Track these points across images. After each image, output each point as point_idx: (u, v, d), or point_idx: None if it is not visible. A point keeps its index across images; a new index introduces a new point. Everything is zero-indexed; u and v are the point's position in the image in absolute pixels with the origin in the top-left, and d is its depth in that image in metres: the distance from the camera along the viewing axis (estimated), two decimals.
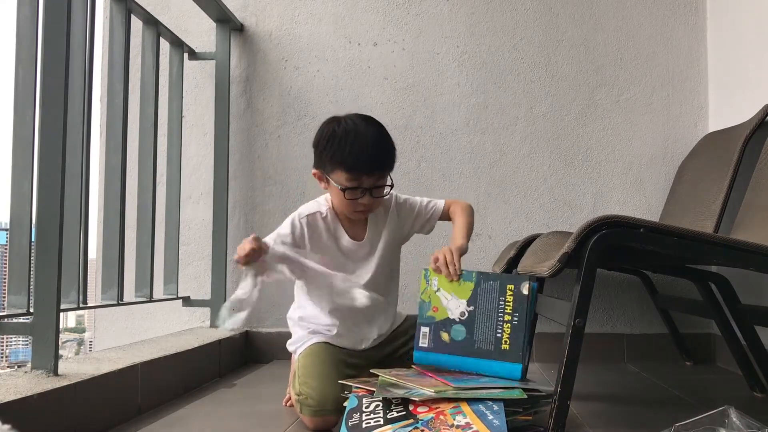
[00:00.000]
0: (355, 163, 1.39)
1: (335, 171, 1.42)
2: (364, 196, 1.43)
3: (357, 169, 1.40)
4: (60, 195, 1.30)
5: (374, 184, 1.43)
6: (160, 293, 2.14)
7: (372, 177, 1.42)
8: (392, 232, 1.57)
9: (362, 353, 1.57)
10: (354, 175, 1.40)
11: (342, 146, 1.40)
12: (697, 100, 2.37)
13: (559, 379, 1.20)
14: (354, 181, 1.41)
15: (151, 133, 2.01)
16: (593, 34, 2.40)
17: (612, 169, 2.37)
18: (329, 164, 1.43)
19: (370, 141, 1.41)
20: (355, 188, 1.42)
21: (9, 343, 15.98)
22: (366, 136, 1.41)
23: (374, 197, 1.44)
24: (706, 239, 1.27)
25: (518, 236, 2.29)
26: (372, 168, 1.41)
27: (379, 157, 1.43)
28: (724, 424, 1.00)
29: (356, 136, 1.41)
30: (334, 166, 1.42)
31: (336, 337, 1.53)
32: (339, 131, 1.42)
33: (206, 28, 2.40)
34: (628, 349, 2.31)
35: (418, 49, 2.41)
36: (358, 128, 1.42)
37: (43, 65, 1.33)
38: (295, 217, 1.51)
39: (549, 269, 1.24)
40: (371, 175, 1.41)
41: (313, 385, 1.38)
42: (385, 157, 1.44)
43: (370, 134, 1.42)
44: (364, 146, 1.40)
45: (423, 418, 1.16)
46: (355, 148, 1.39)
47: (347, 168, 1.40)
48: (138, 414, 1.50)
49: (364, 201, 1.44)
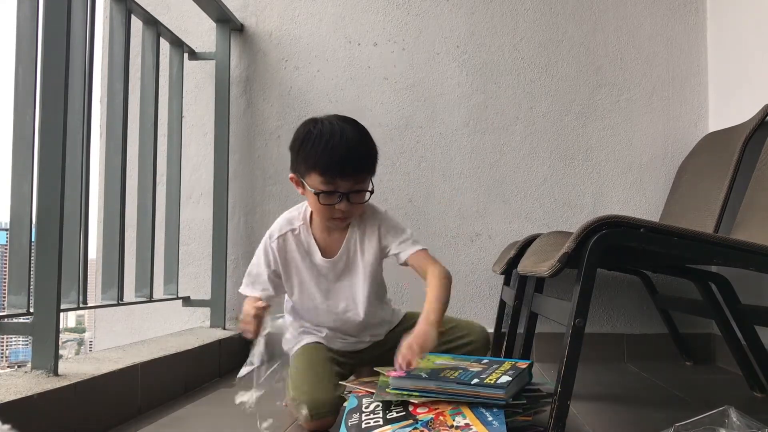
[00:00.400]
0: (329, 164, 1.32)
1: (310, 174, 1.34)
2: (342, 201, 1.35)
3: (331, 171, 1.32)
4: (60, 195, 1.30)
5: (351, 188, 1.35)
6: (160, 293, 2.14)
7: (348, 180, 1.34)
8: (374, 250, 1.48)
9: (357, 354, 1.57)
10: (328, 177, 1.32)
11: (316, 147, 1.32)
12: (697, 100, 2.37)
13: (559, 379, 1.20)
14: (329, 185, 1.33)
15: (151, 133, 2.01)
16: (593, 34, 2.40)
17: (612, 169, 2.37)
18: (304, 166, 1.35)
19: (346, 142, 1.33)
20: (330, 192, 1.34)
21: (9, 343, 15.97)
22: (343, 137, 1.33)
23: (352, 203, 1.36)
24: (707, 239, 1.27)
25: (518, 236, 2.29)
26: (347, 171, 1.33)
27: (356, 159, 1.34)
28: (724, 424, 1.00)
29: (331, 136, 1.33)
30: (308, 169, 1.34)
31: (326, 339, 1.53)
32: (314, 132, 1.35)
33: (206, 28, 2.40)
34: (628, 349, 2.31)
35: (418, 49, 2.41)
36: (335, 129, 1.34)
37: (43, 65, 1.33)
38: (266, 243, 1.49)
39: (549, 269, 1.24)
40: (347, 178, 1.33)
41: (305, 390, 1.37)
42: (363, 159, 1.36)
43: (348, 135, 1.34)
44: (339, 147, 1.32)
45: (423, 419, 1.16)
46: (329, 148, 1.31)
47: (321, 170, 1.32)
48: (138, 414, 1.50)
49: (341, 207, 1.36)
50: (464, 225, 2.36)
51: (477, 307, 2.34)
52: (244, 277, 1.52)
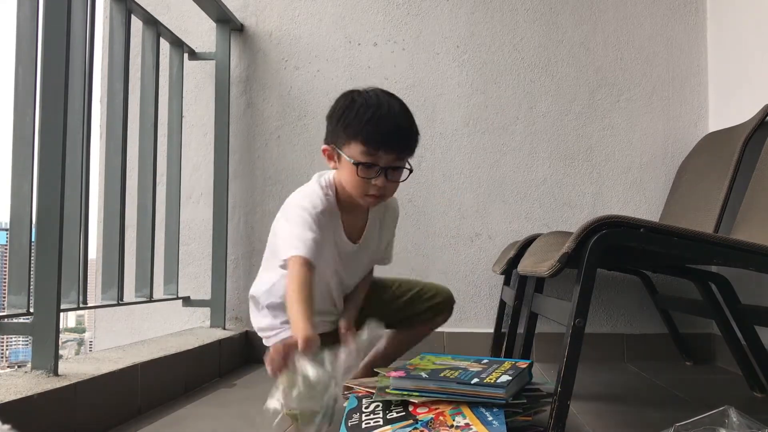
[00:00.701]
0: (374, 134, 1.25)
1: (350, 143, 1.27)
2: (379, 176, 1.28)
3: (375, 141, 1.25)
4: (60, 195, 1.30)
5: (391, 164, 1.28)
6: (160, 293, 2.14)
7: (391, 154, 1.27)
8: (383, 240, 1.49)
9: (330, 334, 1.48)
10: (371, 148, 1.25)
11: (360, 115, 1.25)
12: (697, 100, 2.37)
13: (559, 379, 1.20)
14: (370, 156, 1.26)
15: (151, 133, 2.01)
16: (593, 34, 2.40)
17: (612, 169, 2.37)
18: (344, 135, 1.27)
19: (393, 115, 1.28)
20: (370, 165, 1.27)
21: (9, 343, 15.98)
22: (391, 109, 1.28)
23: (389, 180, 1.30)
24: (707, 239, 1.27)
25: (518, 236, 2.29)
26: (392, 143, 1.26)
27: (402, 133, 1.28)
28: (724, 424, 1.00)
29: (378, 107, 1.26)
30: (349, 137, 1.27)
31: None
32: (359, 100, 1.28)
33: (206, 28, 2.40)
34: (628, 349, 2.31)
35: (418, 49, 2.41)
36: (381, 100, 1.28)
37: (43, 65, 1.33)
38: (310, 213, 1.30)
39: (549, 269, 1.24)
40: (390, 151, 1.27)
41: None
42: (408, 135, 1.30)
43: (395, 108, 1.29)
44: (386, 118, 1.26)
45: (423, 419, 1.16)
46: (375, 118, 1.25)
47: (365, 139, 1.25)
48: (138, 414, 1.50)
49: (378, 182, 1.29)
50: (464, 225, 2.36)
51: (477, 307, 2.34)
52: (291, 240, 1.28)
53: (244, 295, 2.36)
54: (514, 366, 1.30)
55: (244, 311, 2.36)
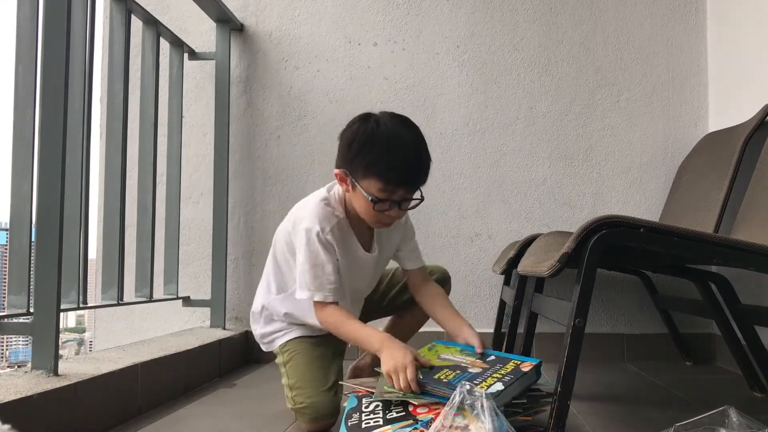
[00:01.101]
0: (394, 176, 1.27)
1: (369, 179, 1.28)
2: (392, 208, 1.32)
3: (395, 182, 1.27)
4: (60, 195, 1.30)
5: (405, 197, 1.32)
6: (160, 293, 2.14)
7: (406, 190, 1.31)
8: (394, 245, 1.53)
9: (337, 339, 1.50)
10: (390, 187, 1.28)
11: (381, 154, 1.26)
12: (697, 100, 2.37)
13: (559, 379, 1.20)
14: (387, 193, 1.29)
15: (151, 133, 2.01)
16: (593, 34, 2.40)
17: (612, 169, 2.37)
18: (363, 170, 1.28)
19: (411, 152, 1.28)
20: (385, 200, 1.30)
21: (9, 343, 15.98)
22: (408, 146, 1.28)
23: (401, 209, 1.33)
24: (707, 239, 1.27)
25: (518, 236, 2.29)
26: (410, 182, 1.29)
27: (419, 171, 1.30)
28: (724, 424, 1.00)
29: (398, 144, 1.27)
30: (368, 175, 1.28)
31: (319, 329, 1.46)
32: (378, 134, 1.27)
33: (206, 28, 2.40)
34: (628, 349, 2.31)
35: (418, 49, 2.41)
36: (400, 135, 1.28)
37: (43, 65, 1.33)
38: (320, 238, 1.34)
39: (549, 269, 1.24)
40: (408, 189, 1.30)
41: (307, 392, 1.37)
42: (424, 171, 1.31)
43: (411, 143, 1.29)
44: (405, 157, 1.27)
45: (422, 419, 1.16)
46: (395, 159, 1.26)
47: (385, 180, 1.27)
48: (138, 414, 1.50)
49: (392, 213, 1.33)
50: (464, 225, 2.36)
51: (477, 307, 2.34)
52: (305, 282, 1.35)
53: (245, 295, 2.37)
54: (517, 369, 1.28)
55: (244, 311, 2.36)
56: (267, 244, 2.37)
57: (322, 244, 1.34)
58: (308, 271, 1.35)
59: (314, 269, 1.34)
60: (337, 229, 1.37)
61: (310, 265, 1.35)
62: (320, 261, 1.34)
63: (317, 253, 1.34)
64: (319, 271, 1.34)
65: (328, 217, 1.37)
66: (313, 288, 1.34)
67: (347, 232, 1.40)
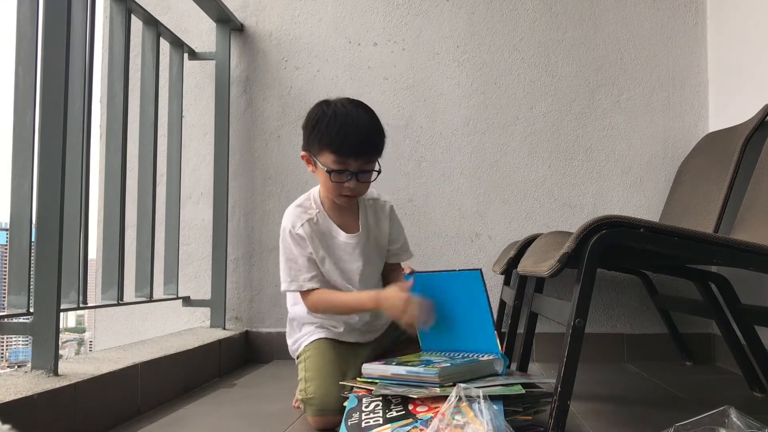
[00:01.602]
0: (343, 144, 1.39)
1: (323, 152, 1.42)
2: (351, 180, 1.42)
3: (344, 151, 1.39)
4: (60, 195, 1.30)
5: (361, 168, 1.42)
6: (160, 293, 2.14)
7: (359, 160, 1.41)
8: (384, 235, 1.59)
9: (369, 345, 1.58)
10: (341, 157, 1.40)
11: (330, 128, 1.40)
12: (697, 100, 2.37)
13: (559, 379, 1.20)
14: (341, 164, 1.40)
15: (151, 133, 2.01)
16: (593, 34, 2.40)
17: (612, 169, 2.37)
18: (317, 145, 1.42)
19: (358, 123, 1.41)
20: (341, 171, 1.41)
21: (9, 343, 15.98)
22: (355, 119, 1.42)
23: (360, 182, 1.44)
24: (707, 239, 1.27)
25: (518, 236, 2.29)
26: (359, 151, 1.41)
27: (367, 140, 1.42)
28: (724, 424, 1.00)
29: (345, 118, 1.41)
30: (321, 148, 1.41)
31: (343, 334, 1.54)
32: (328, 112, 1.41)
33: (206, 28, 2.40)
34: (628, 349, 2.31)
35: (418, 49, 2.41)
36: (348, 111, 1.42)
37: (43, 65, 1.33)
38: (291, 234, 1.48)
39: (549, 269, 1.24)
40: (358, 158, 1.41)
41: (318, 384, 1.40)
42: (374, 140, 1.43)
43: (360, 117, 1.43)
44: (352, 128, 1.40)
45: (422, 418, 1.16)
46: (343, 129, 1.39)
47: (334, 149, 1.39)
48: (138, 414, 1.50)
49: (350, 185, 1.43)
50: (464, 225, 2.36)
51: None
52: (283, 276, 1.49)
53: (245, 295, 2.37)
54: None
55: (244, 311, 2.36)
56: (267, 244, 2.38)
57: (293, 239, 1.48)
58: (283, 265, 1.49)
59: (288, 263, 1.48)
60: (310, 225, 1.49)
61: (284, 259, 1.49)
62: (293, 255, 1.47)
63: (290, 248, 1.48)
64: (292, 264, 1.47)
65: (299, 215, 1.50)
66: (288, 279, 1.48)
67: (324, 223, 1.52)
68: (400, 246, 1.62)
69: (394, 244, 1.61)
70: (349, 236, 1.52)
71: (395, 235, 1.61)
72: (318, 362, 1.46)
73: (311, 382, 1.41)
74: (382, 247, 1.60)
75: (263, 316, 2.35)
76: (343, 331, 1.53)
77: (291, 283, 1.48)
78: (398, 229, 1.62)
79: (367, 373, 1.34)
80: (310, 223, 1.49)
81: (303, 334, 1.55)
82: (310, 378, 1.43)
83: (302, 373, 1.47)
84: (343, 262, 1.52)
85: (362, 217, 1.56)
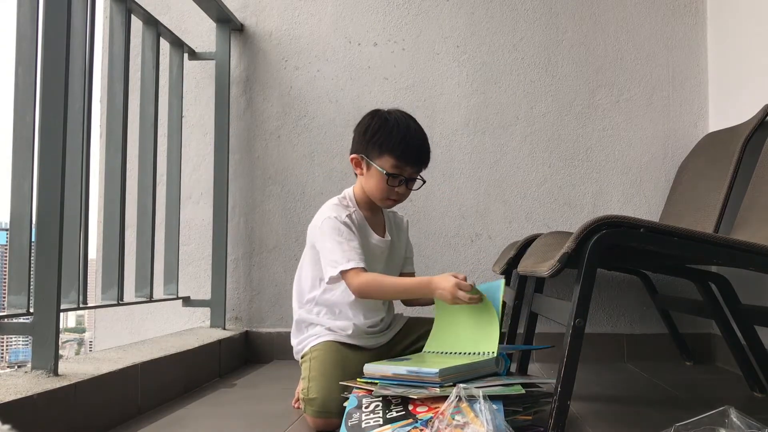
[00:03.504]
0: (406, 151, 1.49)
1: (383, 156, 1.49)
2: (402, 185, 1.52)
3: (405, 157, 1.49)
4: (60, 195, 1.30)
5: (413, 175, 1.53)
6: (160, 293, 2.14)
7: (414, 168, 1.52)
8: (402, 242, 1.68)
9: (374, 352, 1.58)
10: (402, 162, 1.49)
11: (394, 134, 1.48)
12: (697, 100, 2.37)
13: (559, 379, 1.20)
14: (398, 169, 1.49)
15: (151, 133, 2.01)
16: (593, 34, 2.40)
17: (612, 169, 2.37)
18: (377, 149, 1.49)
19: (418, 135, 1.52)
20: (397, 175, 1.49)
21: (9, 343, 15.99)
22: (415, 130, 1.52)
23: (408, 188, 1.54)
24: (706, 239, 1.27)
25: (518, 236, 2.29)
26: (418, 159, 1.52)
27: (425, 152, 1.53)
28: (724, 424, 1.00)
29: (407, 128, 1.51)
30: (383, 152, 1.49)
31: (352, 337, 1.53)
32: (391, 120, 1.51)
33: (206, 28, 2.40)
34: (628, 349, 2.31)
35: (418, 49, 2.41)
36: (408, 122, 1.53)
37: (43, 65, 1.33)
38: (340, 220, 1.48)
39: (549, 269, 1.24)
40: (415, 166, 1.52)
41: (320, 384, 1.40)
42: (428, 152, 1.55)
43: (418, 129, 1.54)
44: (414, 138, 1.50)
45: (422, 418, 1.16)
46: (407, 138, 1.49)
47: (397, 155, 1.48)
48: (138, 414, 1.50)
49: (400, 190, 1.52)
50: (464, 225, 2.36)
51: None
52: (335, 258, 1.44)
53: (244, 295, 2.37)
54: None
55: (244, 311, 2.36)
56: (267, 244, 2.38)
57: (343, 224, 1.49)
58: (336, 248, 1.45)
59: (340, 245, 1.45)
60: (351, 217, 1.52)
61: (336, 242, 1.46)
62: (345, 237, 1.47)
63: (340, 230, 1.47)
64: (345, 245, 1.45)
65: (341, 209, 1.53)
66: (343, 260, 1.43)
67: (361, 222, 1.56)
68: (411, 257, 1.72)
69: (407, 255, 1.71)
70: (381, 239, 1.59)
71: (409, 247, 1.72)
72: (323, 363, 1.45)
73: (314, 383, 1.41)
74: (401, 256, 1.68)
75: (263, 316, 2.35)
76: (351, 334, 1.53)
77: (347, 263, 1.42)
78: (410, 242, 1.73)
79: (369, 372, 1.34)
80: (350, 218, 1.53)
81: (310, 335, 1.55)
82: (313, 378, 1.42)
83: (306, 372, 1.47)
84: (371, 262, 1.53)
85: (388, 224, 1.64)
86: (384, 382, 1.30)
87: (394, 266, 1.65)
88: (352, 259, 1.43)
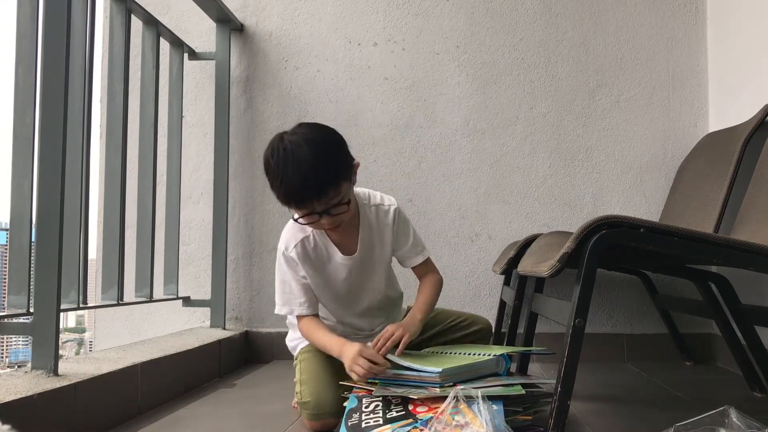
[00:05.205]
0: (288, 195, 1.31)
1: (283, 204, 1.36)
2: (322, 218, 1.34)
3: (290, 202, 1.32)
4: (60, 195, 1.30)
5: (326, 207, 1.32)
6: (160, 293, 2.14)
7: (306, 208, 1.33)
8: (387, 245, 1.53)
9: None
10: (291, 207, 1.34)
11: (275, 182, 1.32)
12: (697, 100, 2.37)
13: (559, 379, 1.20)
14: (302, 210, 1.33)
15: (151, 133, 2.01)
16: (593, 34, 2.40)
17: (612, 169, 2.37)
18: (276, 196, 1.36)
19: (298, 172, 1.28)
20: (308, 214, 1.34)
21: (9, 343, 15.99)
22: (295, 166, 1.28)
23: (333, 215, 1.34)
24: (707, 239, 1.27)
25: (518, 236, 2.29)
26: (305, 198, 1.31)
27: (313, 185, 1.29)
28: (724, 424, 1.00)
29: (285, 167, 1.29)
30: (279, 201, 1.35)
31: None
32: (272, 163, 1.32)
33: (206, 28, 2.40)
34: (628, 349, 2.31)
35: (418, 49, 2.41)
36: (288, 158, 1.29)
37: (43, 65, 1.33)
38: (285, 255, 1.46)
39: (549, 269, 1.24)
40: (308, 203, 1.31)
41: (312, 387, 1.39)
42: (321, 181, 1.29)
43: (300, 162, 1.28)
44: (294, 179, 1.28)
45: (422, 418, 1.16)
46: (286, 183, 1.29)
47: (283, 201, 1.33)
48: (138, 414, 1.50)
49: (324, 223, 1.35)
50: (464, 225, 2.36)
51: (477, 307, 2.33)
52: (277, 299, 1.51)
53: (244, 295, 2.37)
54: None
55: (244, 311, 2.36)
56: (267, 244, 2.38)
57: (286, 261, 1.48)
58: (278, 288, 1.51)
59: (282, 286, 1.50)
60: (304, 244, 1.46)
61: (278, 282, 1.51)
62: (286, 278, 1.49)
63: (283, 271, 1.49)
64: (286, 288, 1.49)
65: (294, 234, 1.48)
66: (280, 303, 1.51)
67: (321, 241, 1.48)
68: (408, 249, 1.54)
69: (400, 250, 1.55)
70: (346, 258, 1.47)
71: (401, 240, 1.54)
72: (313, 366, 1.45)
73: (305, 386, 1.41)
74: (385, 260, 1.55)
75: (263, 316, 2.35)
76: (338, 335, 1.51)
77: (283, 307, 1.50)
78: (403, 233, 1.54)
79: None
80: (305, 242, 1.45)
81: (299, 337, 1.55)
82: (304, 381, 1.42)
83: (298, 375, 1.47)
84: (336, 282, 1.50)
85: (362, 232, 1.49)
86: (384, 382, 1.30)
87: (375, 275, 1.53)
88: (287, 303, 1.49)
